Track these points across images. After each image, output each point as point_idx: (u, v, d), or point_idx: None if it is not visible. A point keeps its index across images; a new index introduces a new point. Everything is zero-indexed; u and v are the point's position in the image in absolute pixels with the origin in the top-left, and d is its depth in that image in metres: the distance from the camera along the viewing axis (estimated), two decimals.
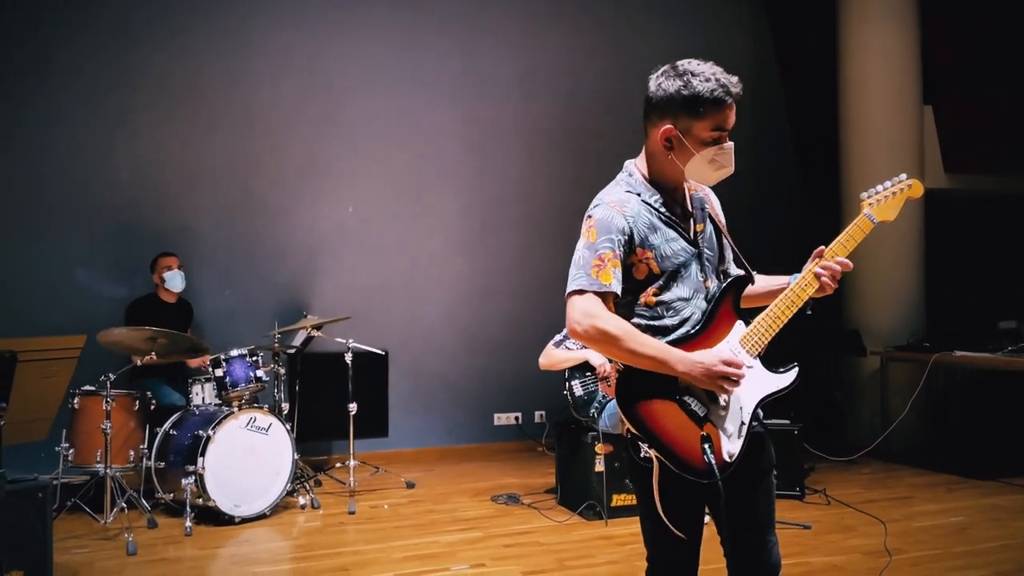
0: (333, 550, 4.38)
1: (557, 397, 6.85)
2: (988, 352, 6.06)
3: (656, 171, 2.19)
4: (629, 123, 7.51)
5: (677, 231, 2.16)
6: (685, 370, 2.03)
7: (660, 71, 2.13)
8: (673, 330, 2.13)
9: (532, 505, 5.21)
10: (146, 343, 4.89)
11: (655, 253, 2.12)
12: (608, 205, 2.13)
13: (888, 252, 6.79)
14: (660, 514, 2.10)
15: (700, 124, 2.08)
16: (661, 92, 2.10)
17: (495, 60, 7.21)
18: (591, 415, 4.97)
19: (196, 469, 4.74)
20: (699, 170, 2.15)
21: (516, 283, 7.21)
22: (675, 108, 2.09)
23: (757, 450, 2.17)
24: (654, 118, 2.13)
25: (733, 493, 2.11)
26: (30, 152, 5.96)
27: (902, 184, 2.26)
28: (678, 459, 2.05)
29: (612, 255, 2.07)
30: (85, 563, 4.15)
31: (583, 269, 2.08)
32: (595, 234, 2.09)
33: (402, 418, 6.77)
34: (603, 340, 2.02)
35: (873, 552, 4.15)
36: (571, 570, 4.02)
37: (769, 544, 2.22)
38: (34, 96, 5.97)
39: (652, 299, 2.13)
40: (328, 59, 6.72)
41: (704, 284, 2.18)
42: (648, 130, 2.17)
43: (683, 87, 2.07)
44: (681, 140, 2.10)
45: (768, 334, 2.15)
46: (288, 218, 6.62)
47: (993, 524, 4.75)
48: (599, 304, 2.05)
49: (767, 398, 2.14)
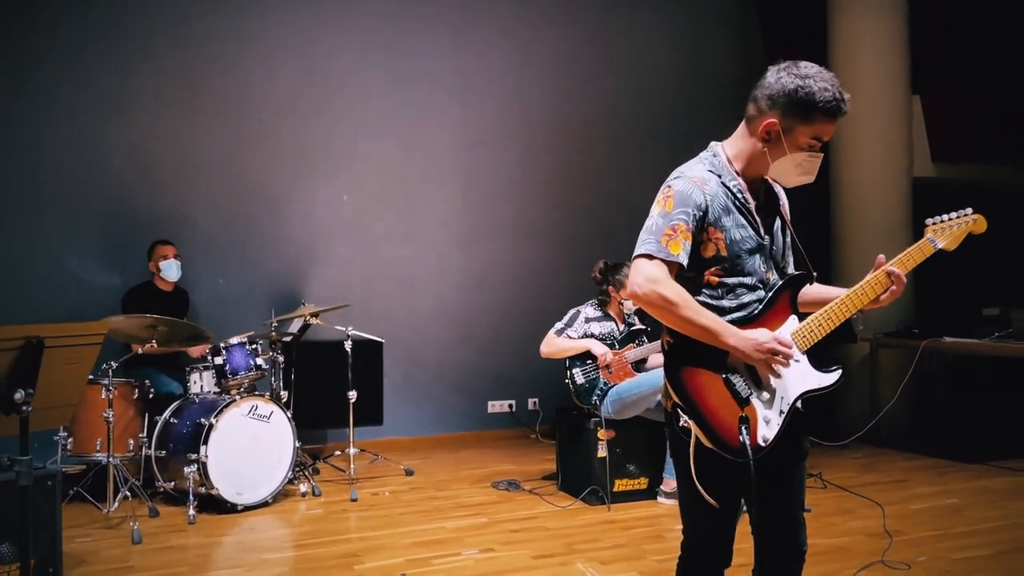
0: (340, 536, 4.39)
1: (550, 385, 6.92)
2: (976, 338, 6.17)
3: (743, 158, 2.21)
4: (622, 117, 7.63)
5: (748, 219, 2.19)
6: (735, 344, 2.07)
7: (782, 66, 2.15)
8: (729, 312, 2.16)
9: (533, 491, 5.24)
10: (146, 331, 4.85)
11: (725, 235, 2.15)
12: (689, 179, 2.16)
13: (877, 240, 6.87)
14: (695, 481, 2.13)
15: (804, 128, 2.11)
16: (778, 86, 2.12)
17: (490, 51, 7.20)
18: (593, 402, 5.01)
19: (199, 457, 4.72)
20: (784, 170, 2.18)
21: (510, 272, 7.23)
22: (786, 105, 2.10)
23: (797, 436, 2.21)
24: (762, 107, 2.15)
25: (770, 475, 2.15)
26: (24, 140, 5.87)
27: (968, 217, 2.32)
28: (714, 434, 2.09)
29: (685, 227, 2.10)
30: (91, 551, 4.13)
31: (654, 235, 2.12)
32: (672, 204, 2.13)
33: (397, 406, 6.77)
34: (661, 305, 2.06)
35: (875, 534, 4.23)
36: (580, 553, 4.05)
37: (798, 527, 2.27)
38: (29, 84, 5.87)
39: (714, 279, 2.17)
40: (323, 48, 6.67)
41: (766, 275, 2.22)
42: (749, 117, 2.19)
43: (801, 88, 2.09)
44: (780, 137, 2.12)
45: (821, 332, 2.19)
46: (282, 207, 6.58)
47: (988, 505, 4.85)
48: (664, 271, 2.09)
49: (809, 393, 2.18)
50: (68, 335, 2.56)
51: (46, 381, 2.51)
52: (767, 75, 2.16)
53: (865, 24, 6.95)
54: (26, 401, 2.45)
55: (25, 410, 2.45)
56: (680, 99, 7.77)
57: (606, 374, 5.04)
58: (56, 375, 2.56)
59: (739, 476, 2.12)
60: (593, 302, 5.25)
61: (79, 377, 2.69)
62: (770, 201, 2.29)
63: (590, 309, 5.21)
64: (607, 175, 7.53)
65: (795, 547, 2.27)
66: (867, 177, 6.92)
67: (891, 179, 6.96)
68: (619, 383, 4.99)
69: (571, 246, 7.31)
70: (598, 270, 5.25)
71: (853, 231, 6.96)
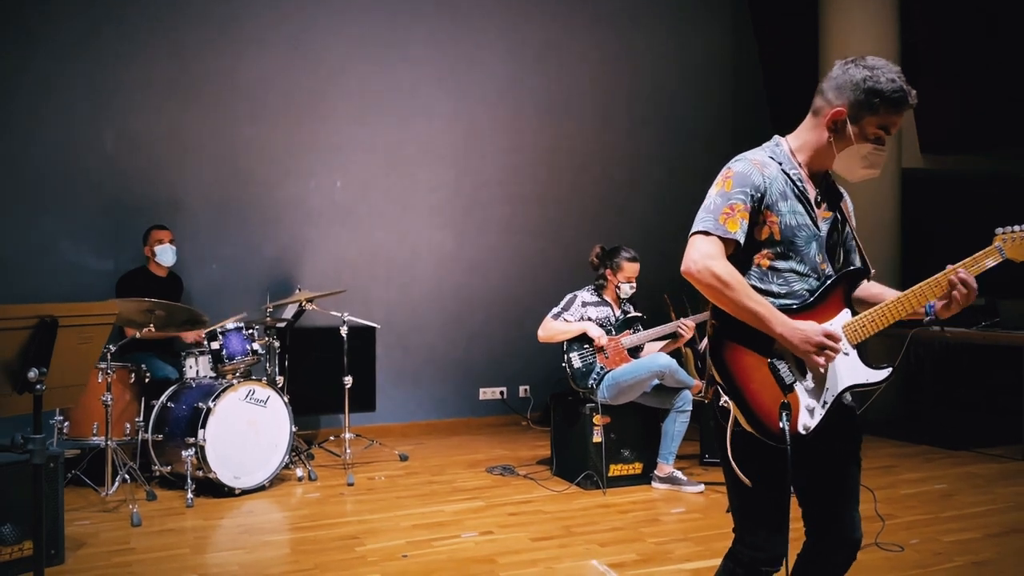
0: (340, 519, 4.41)
1: (542, 372, 6.97)
2: (964, 327, 6.26)
3: (807, 150, 2.23)
4: (615, 106, 7.66)
5: (806, 208, 2.19)
6: (783, 332, 2.06)
7: (849, 59, 2.18)
8: (778, 297, 2.16)
9: (528, 476, 5.28)
10: (143, 315, 4.83)
11: (780, 220, 2.15)
12: (750, 161, 2.18)
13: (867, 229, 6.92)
14: (730, 461, 2.12)
15: (871, 118, 2.13)
16: (846, 77, 2.15)
17: (483, 37, 7.21)
18: (590, 386, 5.05)
19: (196, 441, 4.73)
20: (850, 162, 2.19)
21: (503, 260, 7.26)
22: (854, 95, 2.13)
23: (849, 427, 2.23)
24: (830, 98, 2.17)
25: (825, 466, 2.19)
26: (17, 125, 5.82)
27: None
28: (754, 416, 2.09)
29: (743, 207, 2.11)
30: (91, 534, 4.13)
31: (712, 213, 2.12)
32: (731, 184, 2.13)
33: (389, 392, 6.79)
34: (713, 283, 2.05)
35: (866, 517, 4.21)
36: (578, 536, 4.10)
37: (856, 518, 2.26)
38: (22, 69, 5.82)
39: (766, 262, 2.17)
40: (317, 33, 6.66)
41: (820, 266, 2.21)
42: (816, 109, 2.21)
43: (869, 77, 2.11)
44: (847, 126, 2.15)
45: (873, 328, 2.18)
46: (276, 192, 6.56)
47: (975, 490, 4.94)
48: (719, 248, 2.09)
49: (855, 387, 2.18)
50: (81, 315, 2.56)
51: (59, 360, 2.51)
52: (834, 68, 2.20)
53: (855, 16, 7.01)
54: (40, 380, 2.45)
55: (40, 388, 2.45)
56: (672, 91, 7.82)
57: (602, 358, 5.08)
58: (68, 354, 2.56)
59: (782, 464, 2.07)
60: (590, 287, 5.29)
61: (90, 357, 2.70)
62: (831, 196, 2.29)
63: (587, 294, 5.24)
64: (600, 163, 7.57)
65: (851, 539, 2.26)
66: None
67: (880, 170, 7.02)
68: (615, 368, 5.03)
69: (563, 234, 7.34)
70: (595, 255, 5.28)
71: None
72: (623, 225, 7.30)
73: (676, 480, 4.94)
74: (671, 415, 5.00)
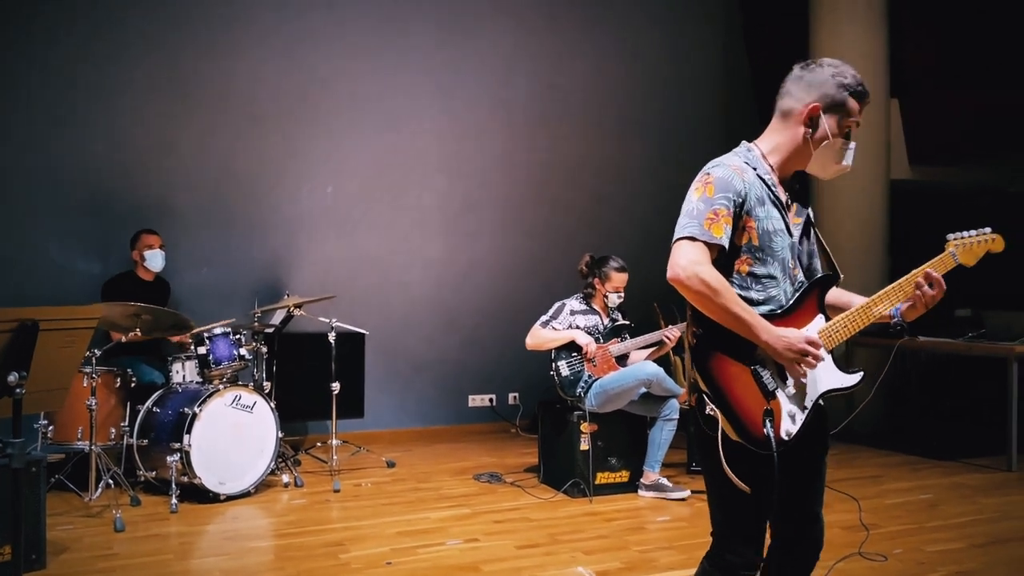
0: (325, 526, 4.40)
1: (531, 380, 6.96)
2: (950, 338, 6.28)
3: (781, 152, 2.24)
4: (606, 111, 7.67)
5: (780, 213, 2.22)
6: (768, 340, 2.08)
7: (806, 63, 2.23)
8: (757, 304, 2.17)
9: (515, 484, 5.28)
10: (129, 319, 4.81)
11: (758, 225, 2.17)
12: (729, 167, 2.17)
13: (854, 240, 6.99)
14: (725, 469, 2.10)
15: (843, 111, 2.19)
16: (814, 75, 2.19)
17: (474, 42, 7.22)
18: (577, 394, 5.05)
19: (182, 446, 4.71)
20: (825, 158, 2.22)
21: (493, 266, 7.26)
22: (826, 90, 2.18)
23: (821, 430, 2.26)
24: (801, 96, 2.20)
25: (798, 468, 2.19)
26: (4, 126, 5.81)
27: (987, 236, 2.35)
28: (739, 423, 2.10)
29: (726, 212, 2.11)
30: (74, 539, 4.11)
31: (696, 219, 2.10)
32: (712, 190, 2.13)
33: (378, 398, 6.78)
34: (703, 289, 2.04)
35: (851, 527, 4.29)
36: (563, 544, 4.09)
37: (820, 520, 2.32)
38: (9, 69, 5.81)
39: (746, 268, 2.18)
40: (308, 38, 6.65)
41: (793, 272, 2.25)
42: (787, 110, 2.23)
43: (837, 73, 2.18)
44: (822, 121, 2.18)
45: (846, 333, 2.22)
46: (266, 197, 6.56)
47: (961, 501, 4.96)
48: (706, 255, 2.08)
49: (832, 391, 2.21)
50: (62, 318, 2.55)
51: (40, 364, 2.50)
52: (793, 71, 2.24)
53: (845, 28, 7.05)
54: (20, 384, 2.44)
55: (19, 392, 2.44)
56: (664, 96, 7.84)
57: (590, 367, 5.09)
58: (49, 358, 2.55)
59: (766, 470, 2.08)
60: (578, 295, 5.30)
61: (72, 361, 2.69)
62: (799, 200, 2.32)
63: (575, 302, 5.25)
64: (591, 170, 7.58)
65: (815, 539, 2.31)
66: (845, 179, 6.95)
67: (869, 181, 7.05)
68: (603, 376, 5.03)
69: (554, 241, 7.35)
70: (584, 263, 5.29)
71: (831, 232, 7.04)
72: (613, 233, 7.31)
73: (662, 488, 4.95)
74: (658, 423, 5.01)
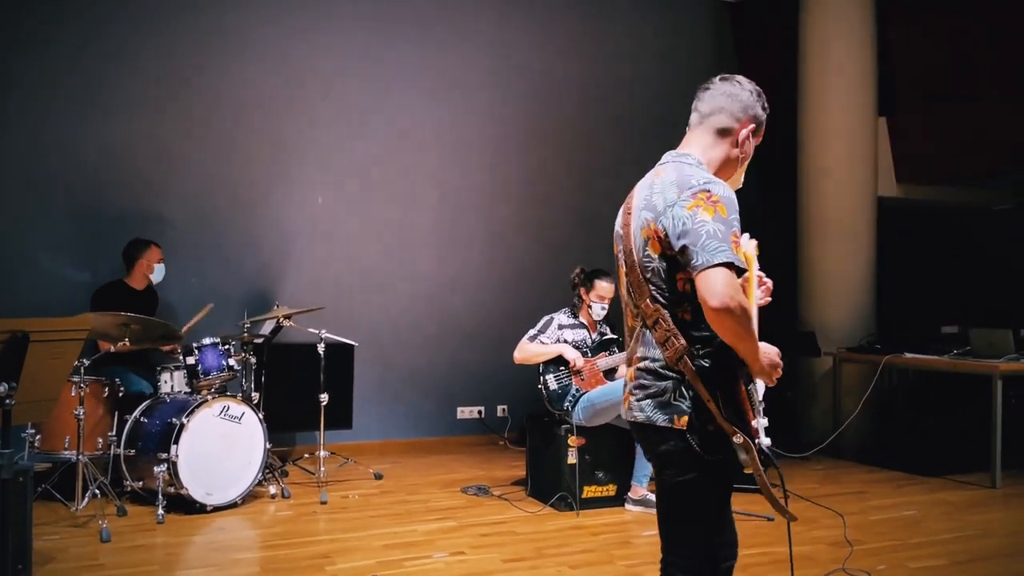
0: (312, 538, 4.40)
1: (519, 392, 6.98)
2: (935, 355, 6.34)
3: (715, 166, 2.23)
4: (596, 123, 7.72)
5: None
6: (761, 359, 2.07)
7: (725, 77, 2.26)
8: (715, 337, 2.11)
9: (503, 497, 5.29)
10: (119, 329, 4.82)
11: None
12: (724, 185, 2.10)
13: (841, 257, 7.05)
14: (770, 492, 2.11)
15: (759, 132, 2.26)
16: (744, 94, 2.22)
17: (465, 52, 7.27)
18: (565, 408, 5.07)
19: (169, 457, 4.70)
20: (738, 177, 2.28)
21: (482, 278, 7.29)
22: (756, 111, 2.23)
23: None
24: (737, 115, 2.21)
25: None
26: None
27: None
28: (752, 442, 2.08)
29: (738, 233, 2.05)
30: (59, 549, 4.10)
31: (724, 243, 1.97)
32: (725, 210, 2.01)
33: (367, 410, 6.79)
34: (741, 318, 1.95)
35: (836, 543, 4.33)
36: (549, 558, 4.11)
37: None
38: (3, 79, 5.82)
39: None
40: (300, 49, 6.69)
41: None
42: (724, 128, 2.21)
43: (757, 95, 2.23)
44: (749, 143, 2.24)
45: None
46: (257, 208, 6.57)
47: (944, 517, 4.99)
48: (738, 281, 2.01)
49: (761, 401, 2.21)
50: (52, 330, 2.57)
51: (29, 375, 2.52)
52: (717, 85, 2.24)
53: (833, 46, 7.12)
54: (9, 395, 2.46)
55: (8, 403, 2.46)
56: (653, 108, 7.88)
57: (578, 380, 5.11)
58: (39, 369, 2.57)
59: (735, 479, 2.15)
60: (566, 309, 5.33)
61: (61, 372, 2.71)
62: None
63: (563, 316, 5.28)
64: (580, 182, 7.62)
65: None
66: (833, 197, 7.08)
67: (856, 199, 7.12)
68: (591, 390, 5.06)
69: (543, 253, 7.38)
70: (575, 275, 5.32)
71: (818, 250, 7.12)
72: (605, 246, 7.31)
73: (649, 503, 4.96)
74: None
